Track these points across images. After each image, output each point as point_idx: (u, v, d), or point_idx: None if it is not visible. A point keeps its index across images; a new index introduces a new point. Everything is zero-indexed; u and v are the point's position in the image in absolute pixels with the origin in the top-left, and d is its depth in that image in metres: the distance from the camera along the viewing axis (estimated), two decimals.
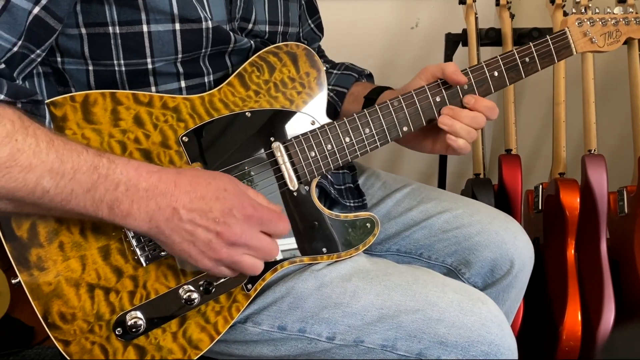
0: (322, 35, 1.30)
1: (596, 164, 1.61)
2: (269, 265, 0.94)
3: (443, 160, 2.04)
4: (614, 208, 1.66)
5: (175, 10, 0.87)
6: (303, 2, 1.23)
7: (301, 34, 1.24)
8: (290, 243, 0.95)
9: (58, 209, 0.75)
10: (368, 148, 1.00)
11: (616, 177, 1.76)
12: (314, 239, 0.97)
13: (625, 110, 1.76)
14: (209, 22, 0.90)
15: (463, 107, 1.02)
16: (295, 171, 0.96)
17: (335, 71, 1.24)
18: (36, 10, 0.78)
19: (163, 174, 0.79)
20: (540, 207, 1.73)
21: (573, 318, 1.55)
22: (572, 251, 1.62)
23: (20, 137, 0.71)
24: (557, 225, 1.63)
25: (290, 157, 0.95)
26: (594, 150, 1.67)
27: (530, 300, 1.60)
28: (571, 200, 1.60)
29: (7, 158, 0.70)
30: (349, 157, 0.99)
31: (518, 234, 1.15)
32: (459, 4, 1.87)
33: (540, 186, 1.75)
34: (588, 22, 1.09)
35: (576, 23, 1.09)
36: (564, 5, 1.75)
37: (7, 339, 1.91)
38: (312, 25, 1.27)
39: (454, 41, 1.91)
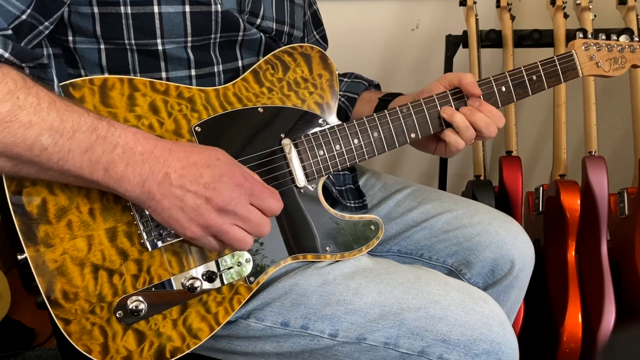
0: (327, 45, 1.33)
1: (597, 165, 1.61)
2: (272, 260, 0.94)
3: (443, 162, 2.04)
4: (615, 210, 1.66)
5: None
6: (309, 13, 1.26)
7: (306, 42, 1.25)
8: (294, 239, 0.96)
9: (55, 169, 0.76)
10: (376, 151, 1.01)
11: (617, 178, 1.76)
12: (318, 237, 0.97)
13: (625, 112, 1.76)
14: (219, 5, 0.92)
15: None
16: (304, 168, 0.97)
17: (345, 79, 1.27)
18: None
19: (159, 142, 0.80)
20: (540, 209, 1.74)
21: (573, 320, 1.55)
22: (573, 253, 1.62)
23: (22, 95, 0.72)
24: (557, 226, 1.63)
25: (299, 154, 0.97)
26: (595, 151, 1.68)
27: (530, 301, 1.60)
28: (572, 202, 1.60)
29: (7, 113, 0.71)
30: (356, 159, 1.00)
31: (518, 234, 1.15)
32: (460, 5, 1.87)
33: (541, 188, 1.75)
34: (594, 47, 1.12)
35: (583, 47, 1.11)
36: (565, 7, 1.75)
37: (7, 341, 1.91)
38: (318, 37, 1.30)
39: (454, 43, 1.91)
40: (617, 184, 1.70)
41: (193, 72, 0.95)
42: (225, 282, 0.91)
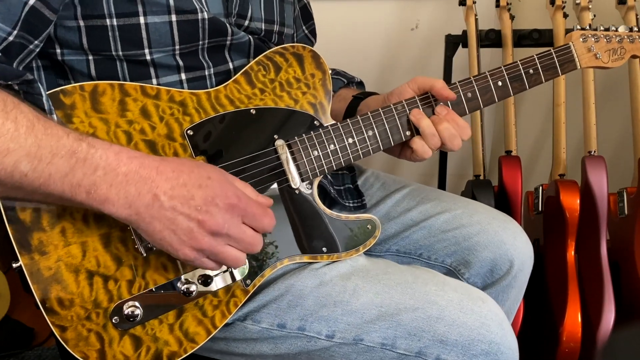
0: (315, 40, 1.32)
1: (596, 165, 1.61)
2: (268, 262, 0.94)
3: (443, 162, 2.04)
4: (614, 209, 1.66)
5: (171, 2, 0.88)
6: (298, 8, 1.24)
7: (295, 39, 1.25)
8: (291, 240, 0.95)
9: (38, 192, 0.75)
10: (370, 149, 1.00)
11: (616, 178, 1.76)
12: (315, 238, 0.97)
13: (625, 112, 1.76)
14: (205, 13, 0.91)
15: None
16: (298, 169, 0.96)
17: None
18: (32, 1, 0.79)
19: (145, 160, 0.78)
20: (540, 209, 1.73)
21: (573, 319, 1.55)
22: (572, 252, 1.61)
23: None
24: (557, 226, 1.63)
25: (292, 154, 0.96)
26: (594, 151, 1.67)
27: (530, 301, 1.60)
28: (571, 202, 1.60)
29: None
30: (351, 158, 0.99)
31: (517, 234, 1.15)
32: (459, 5, 1.87)
33: (541, 187, 1.75)
34: (592, 38, 1.10)
35: (581, 39, 1.10)
36: (564, 7, 1.75)
37: (7, 340, 1.91)
38: (307, 31, 1.29)
39: (454, 42, 1.91)
40: (616, 183, 1.70)
41: (184, 77, 0.94)
42: (221, 286, 0.90)
